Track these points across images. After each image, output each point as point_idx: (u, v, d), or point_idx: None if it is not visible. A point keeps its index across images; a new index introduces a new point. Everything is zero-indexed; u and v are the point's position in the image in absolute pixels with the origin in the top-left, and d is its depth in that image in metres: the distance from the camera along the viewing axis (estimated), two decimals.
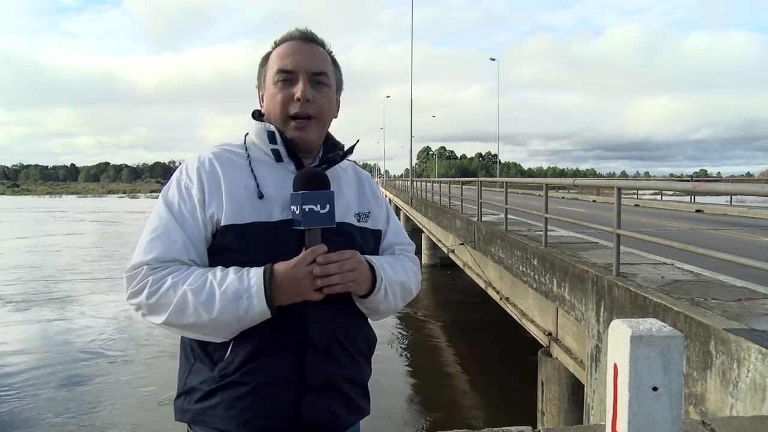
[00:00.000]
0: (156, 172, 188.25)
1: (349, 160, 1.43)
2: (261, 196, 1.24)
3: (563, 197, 25.95)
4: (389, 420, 8.22)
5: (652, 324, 0.94)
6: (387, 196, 42.30)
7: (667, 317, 3.35)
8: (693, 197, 17.31)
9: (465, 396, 9.58)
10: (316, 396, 1.22)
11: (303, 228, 1.19)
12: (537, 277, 6.36)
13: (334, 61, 1.36)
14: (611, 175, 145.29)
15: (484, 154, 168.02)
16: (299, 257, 1.18)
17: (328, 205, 1.20)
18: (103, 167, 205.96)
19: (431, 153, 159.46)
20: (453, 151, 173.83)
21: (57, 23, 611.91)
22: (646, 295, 3.71)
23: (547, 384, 6.30)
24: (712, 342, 2.94)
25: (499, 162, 65.09)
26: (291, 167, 1.29)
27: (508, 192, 9.38)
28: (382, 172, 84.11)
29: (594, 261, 5.30)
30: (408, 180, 29.89)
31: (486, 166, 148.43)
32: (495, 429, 1.58)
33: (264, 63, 1.35)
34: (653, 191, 24.53)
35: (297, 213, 1.19)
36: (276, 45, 1.33)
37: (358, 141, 1.41)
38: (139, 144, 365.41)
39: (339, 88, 1.38)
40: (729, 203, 16.40)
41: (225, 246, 1.22)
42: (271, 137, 1.28)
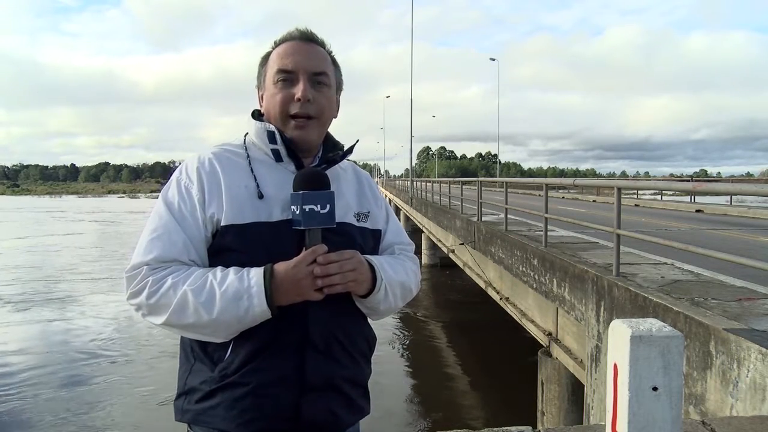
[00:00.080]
0: (156, 172, 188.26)
1: (349, 159, 1.42)
2: (261, 196, 1.23)
3: (563, 197, 25.95)
4: (389, 420, 8.21)
5: (652, 324, 0.94)
6: (387, 196, 42.30)
7: (667, 317, 3.35)
8: (693, 197, 17.31)
9: (465, 396, 9.58)
10: (316, 396, 1.22)
11: (303, 228, 1.19)
12: (537, 277, 6.36)
13: (334, 61, 1.36)
14: (611, 175, 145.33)
15: (484, 154, 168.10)
16: (299, 257, 1.18)
17: (328, 205, 1.20)
18: (103, 167, 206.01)
19: (431, 153, 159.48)
20: (453, 151, 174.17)
21: (57, 23, 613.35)
22: (646, 295, 3.71)
23: (547, 384, 6.30)
24: (712, 342, 2.94)
25: (499, 162, 65.11)
26: (291, 167, 1.29)
27: (508, 192, 9.38)
28: (382, 172, 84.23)
29: (594, 261, 5.30)
30: (408, 180, 29.88)
31: (486, 166, 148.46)
32: (495, 429, 1.58)
33: (264, 63, 1.35)
34: (653, 191, 24.53)
35: (297, 213, 1.19)
36: (276, 45, 1.33)
37: (357, 141, 1.41)
38: (139, 144, 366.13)
39: (339, 88, 1.38)
40: (729, 203, 16.40)
41: (225, 246, 1.22)
42: (271, 137, 1.28)
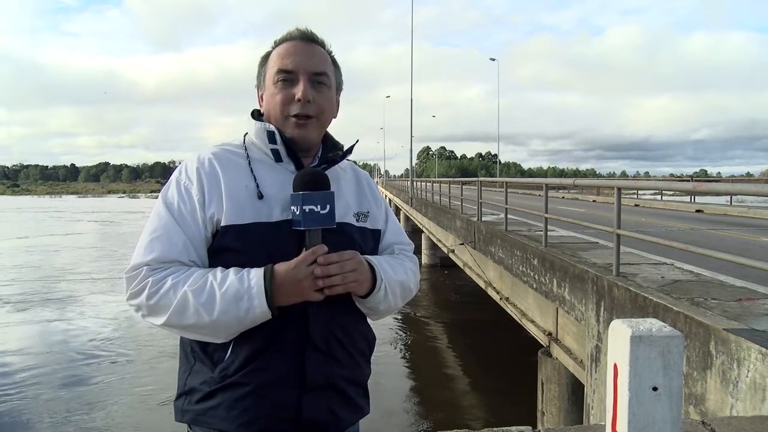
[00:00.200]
0: (156, 172, 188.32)
1: (349, 159, 1.42)
2: (261, 196, 1.23)
3: (563, 197, 25.95)
4: (389, 420, 8.21)
5: (652, 324, 0.94)
6: (387, 196, 42.29)
7: (667, 317, 3.35)
8: (693, 197, 17.31)
9: (465, 396, 9.58)
10: (316, 396, 1.22)
11: (303, 228, 1.19)
12: (537, 277, 6.35)
13: (334, 62, 1.36)
14: (611, 175, 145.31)
15: (484, 154, 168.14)
16: (300, 258, 1.17)
17: (328, 206, 1.20)
18: (104, 167, 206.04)
19: (431, 153, 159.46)
20: (453, 151, 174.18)
21: (58, 23, 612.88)
22: (646, 295, 3.71)
23: (547, 384, 6.29)
24: (712, 342, 2.94)
25: (499, 162, 65.16)
26: (290, 167, 1.29)
27: (508, 192, 9.38)
28: (382, 172, 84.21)
29: (594, 261, 5.30)
30: (408, 180, 29.88)
31: (486, 166, 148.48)
32: (495, 429, 1.58)
33: (264, 62, 1.34)
34: (653, 191, 24.52)
35: (297, 213, 1.19)
36: (276, 44, 1.33)
37: (357, 141, 1.41)
38: (140, 144, 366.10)
39: (339, 88, 1.38)
40: (729, 203, 16.40)
41: (225, 246, 1.21)
42: (271, 137, 1.28)
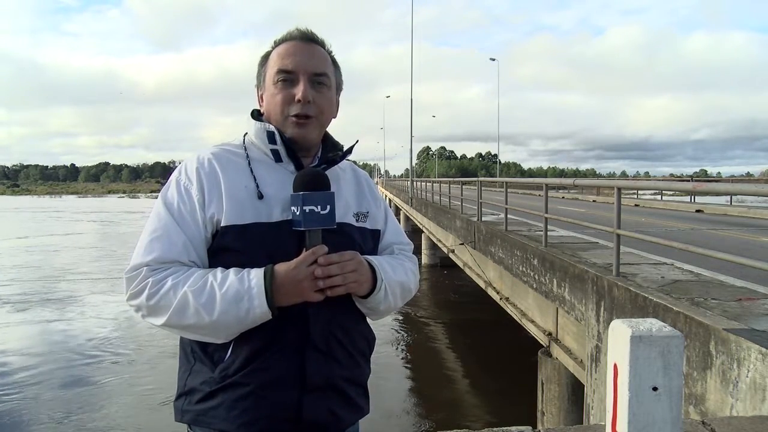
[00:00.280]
0: (156, 172, 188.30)
1: (349, 159, 1.42)
2: (261, 196, 1.23)
3: (563, 197, 25.94)
4: (389, 420, 8.21)
5: (652, 324, 0.94)
6: (387, 196, 42.28)
7: (667, 317, 3.35)
8: (693, 197, 17.31)
9: (465, 396, 9.58)
10: (317, 396, 1.22)
11: (303, 229, 1.19)
12: (537, 277, 6.35)
13: (334, 62, 1.35)
14: (611, 175, 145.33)
15: (484, 154, 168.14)
16: (300, 258, 1.17)
17: (328, 206, 1.20)
18: (103, 167, 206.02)
19: (431, 153, 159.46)
20: (453, 151, 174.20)
21: (58, 23, 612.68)
22: (646, 295, 3.71)
23: (547, 384, 6.29)
24: (712, 342, 2.94)
25: (499, 162, 65.17)
26: (290, 167, 1.29)
27: (508, 192, 9.37)
28: (382, 172, 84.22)
29: (594, 261, 5.30)
30: (408, 180, 29.88)
31: (486, 166, 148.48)
32: (495, 429, 1.58)
33: (264, 62, 1.34)
34: (653, 191, 24.51)
35: (297, 214, 1.19)
36: (276, 44, 1.32)
37: (357, 141, 1.41)
38: (140, 144, 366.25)
39: (339, 88, 1.38)
40: (729, 203, 16.41)
41: (225, 246, 1.21)
42: (271, 137, 1.27)
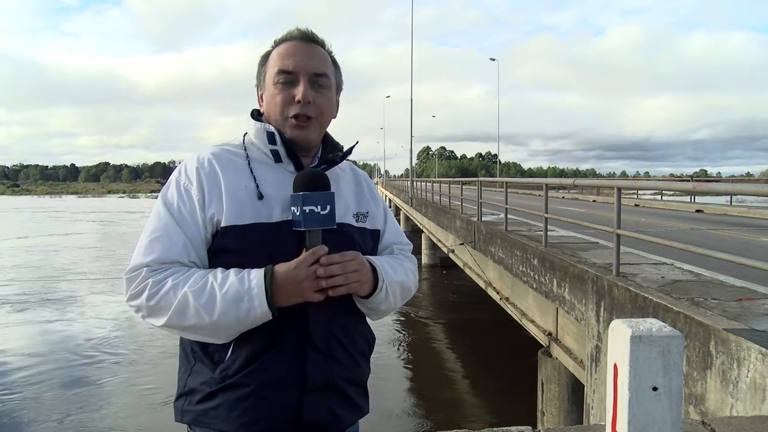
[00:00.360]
0: (156, 172, 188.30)
1: (349, 160, 1.42)
2: (261, 196, 1.23)
3: (563, 197, 25.94)
4: (390, 420, 8.21)
5: (652, 324, 0.94)
6: (387, 196, 42.28)
7: (667, 317, 3.35)
8: (693, 197, 17.31)
9: (465, 396, 9.57)
10: (317, 396, 1.22)
11: (303, 229, 1.19)
12: (537, 277, 6.35)
13: (334, 62, 1.35)
14: (611, 175, 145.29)
15: (484, 154, 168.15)
16: (300, 258, 1.17)
17: (328, 206, 1.19)
18: (103, 167, 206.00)
19: (431, 153, 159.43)
20: (453, 151, 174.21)
21: (58, 23, 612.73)
22: (646, 295, 3.71)
23: (547, 384, 6.29)
24: (712, 342, 2.94)
25: (499, 162, 65.16)
26: (290, 168, 1.29)
27: (508, 192, 9.37)
28: (382, 172, 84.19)
29: (594, 261, 5.30)
30: (408, 180, 29.88)
31: (486, 166, 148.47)
32: (495, 429, 1.58)
33: (264, 62, 1.34)
34: (653, 191, 24.51)
35: (297, 214, 1.19)
36: (276, 44, 1.32)
37: (357, 142, 1.41)
38: (140, 144, 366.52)
39: (339, 88, 1.38)
40: (729, 203, 16.41)
41: (225, 247, 1.21)
42: (271, 138, 1.27)
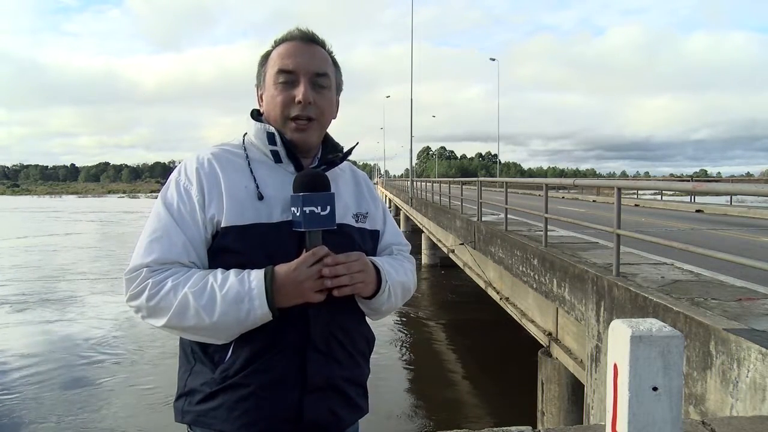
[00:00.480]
0: (156, 172, 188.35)
1: (348, 160, 1.42)
2: (261, 197, 1.23)
3: (563, 197, 25.93)
4: (390, 421, 8.21)
5: (652, 324, 0.94)
6: (387, 196, 42.29)
7: (667, 317, 3.35)
8: (693, 197, 17.30)
9: (465, 396, 9.57)
10: (317, 397, 1.22)
11: (304, 230, 1.18)
12: (537, 277, 6.35)
13: (334, 62, 1.35)
14: (611, 175, 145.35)
15: (484, 154, 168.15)
16: (300, 259, 1.17)
17: (328, 207, 1.19)
18: (104, 167, 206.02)
19: (431, 153, 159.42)
20: (453, 151, 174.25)
21: (58, 23, 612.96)
22: (646, 295, 3.71)
23: (547, 384, 6.29)
24: (712, 342, 2.94)
25: (499, 162, 65.15)
26: (290, 168, 1.29)
27: (508, 192, 9.38)
28: (382, 172, 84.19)
29: (594, 261, 5.30)
30: (408, 180, 29.88)
31: (486, 166, 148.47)
32: (495, 429, 1.58)
33: (264, 62, 1.33)
34: (653, 191, 24.51)
35: (297, 215, 1.18)
36: (276, 44, 1.32)
37: (357, 143, 1.41)
38: (140, 144, 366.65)
39: (339, 89, 1.38)
40: (729, 203, 16.41)
41: (225, 247, 1.21)
42: (271, 138, 1.27)
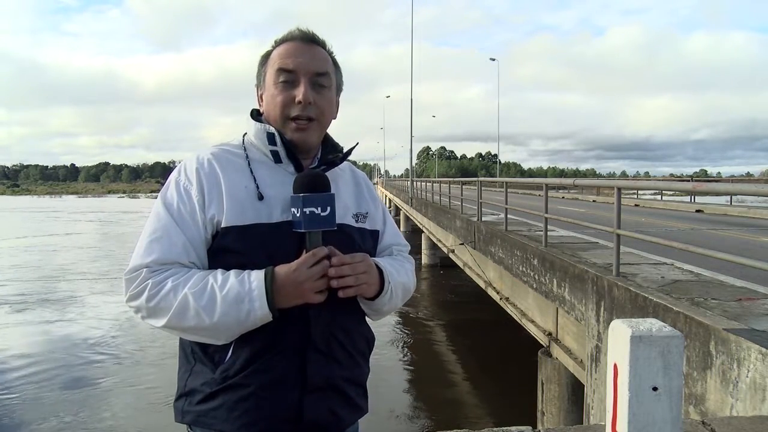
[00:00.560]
0: (156, 172, 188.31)
1: (348, 160, 1.42)
2: (261, 197, 1.23)
3: (563, 197, 25.92)
4: (390, 420, 8.21)
5: (652, 324, 0.94)
6: (387, 196, 42.30)
7: (667, 317, 3.35)
8: (693, 197, 17.30)
9: (465, 396, 9.57)
10: (317, 397, 1.22)
11: (304, 231, 1.18)
12: (537, 277, 6.35)
13: (334, 62, 1.35)
14: (611, 175, 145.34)
15: (484, 154, 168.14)
16: (300, 260, 1.17)
17: (328, 208, 1.19)
18: (104, 167, 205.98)
19: (431, 153, 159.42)
20: (453, 151, 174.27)
21: (58, 23, 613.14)
22: (646, 295, 3.71)
23: (547, 384, 6.29)
24: (712, 342, 2.94)
25: (499, 162, 65.16)
26: (290, 168, 1.29)
27: (508, 192, 9.37)
28: (382, 172, 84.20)
29: (594, 261, 5.30)
30: (408, 180, 29.88)
31: (486, 166, 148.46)
32: (495, 429, 1.58)
33: (264, 62, 1.33)
34: (653, 191, 24.50)
35: (297, 215, 1.18)
36: (276, 44, 1.32)
37: (357, 144, 1.41)
38: (140, 144, 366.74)
39: (339, 89, 1.38)
40: (729, 203, 16.40)
41: (225, 247, 1.21)
42: (271, 138, 1.27)
